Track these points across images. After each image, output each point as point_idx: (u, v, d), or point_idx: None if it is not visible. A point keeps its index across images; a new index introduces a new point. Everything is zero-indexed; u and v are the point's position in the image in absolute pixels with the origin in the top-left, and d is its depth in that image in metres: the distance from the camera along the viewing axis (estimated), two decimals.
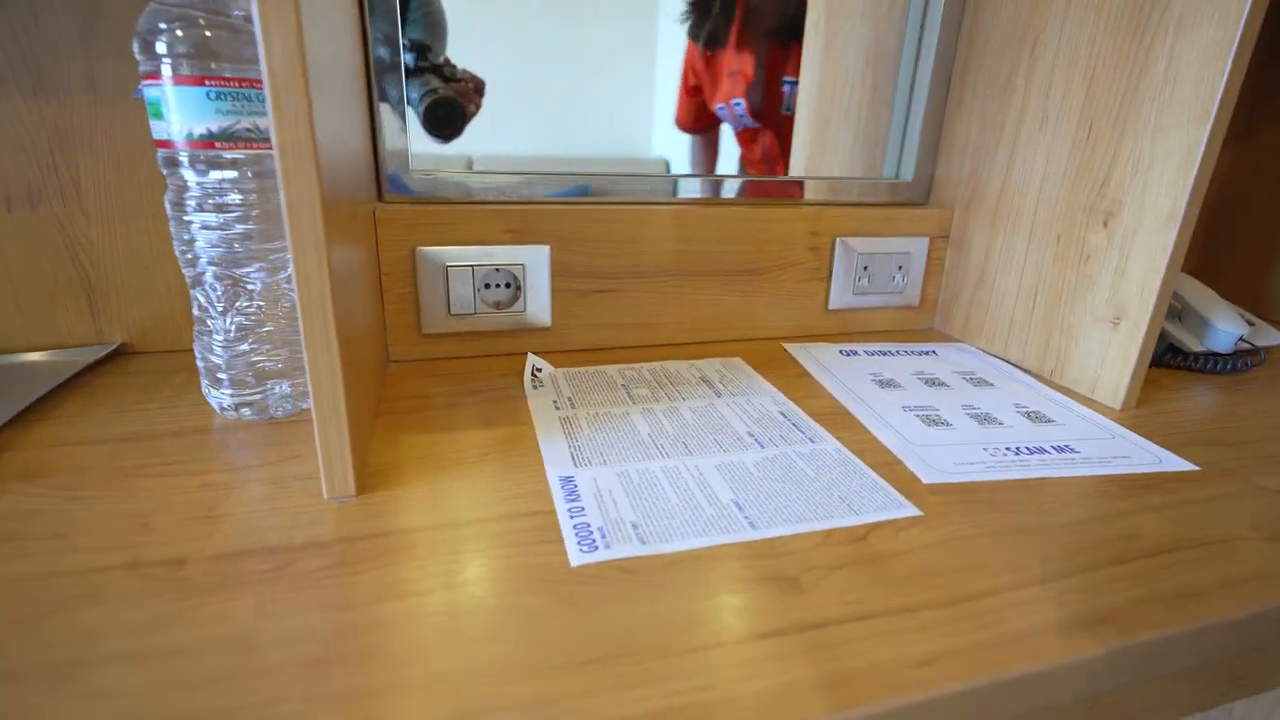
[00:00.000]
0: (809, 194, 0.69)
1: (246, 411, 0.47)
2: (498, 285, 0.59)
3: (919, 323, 0.74)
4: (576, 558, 0.34)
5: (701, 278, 0.65)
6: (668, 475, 0.42)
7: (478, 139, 0.60)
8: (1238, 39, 0.46)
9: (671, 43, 0.64)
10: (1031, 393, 0.58)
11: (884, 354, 0.66)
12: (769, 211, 0.66)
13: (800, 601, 0.31)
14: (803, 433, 0.48)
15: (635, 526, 0.37)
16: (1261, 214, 0.85)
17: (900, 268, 0.70)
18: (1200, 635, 0.32)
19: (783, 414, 0.51)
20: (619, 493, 0.40)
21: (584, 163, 0.63)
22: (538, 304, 0.60)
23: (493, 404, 0.52)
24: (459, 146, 0.60)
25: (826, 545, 0.36)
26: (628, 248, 0.62)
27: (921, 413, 0.53)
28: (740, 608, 0.31)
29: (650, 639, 0.29)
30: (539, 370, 0.57)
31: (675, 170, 0.67)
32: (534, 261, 0.59)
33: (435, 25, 0.56)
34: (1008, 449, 0.47)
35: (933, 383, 0.59)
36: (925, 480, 0.43)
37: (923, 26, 0.69)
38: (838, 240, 0.68)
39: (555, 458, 0.44)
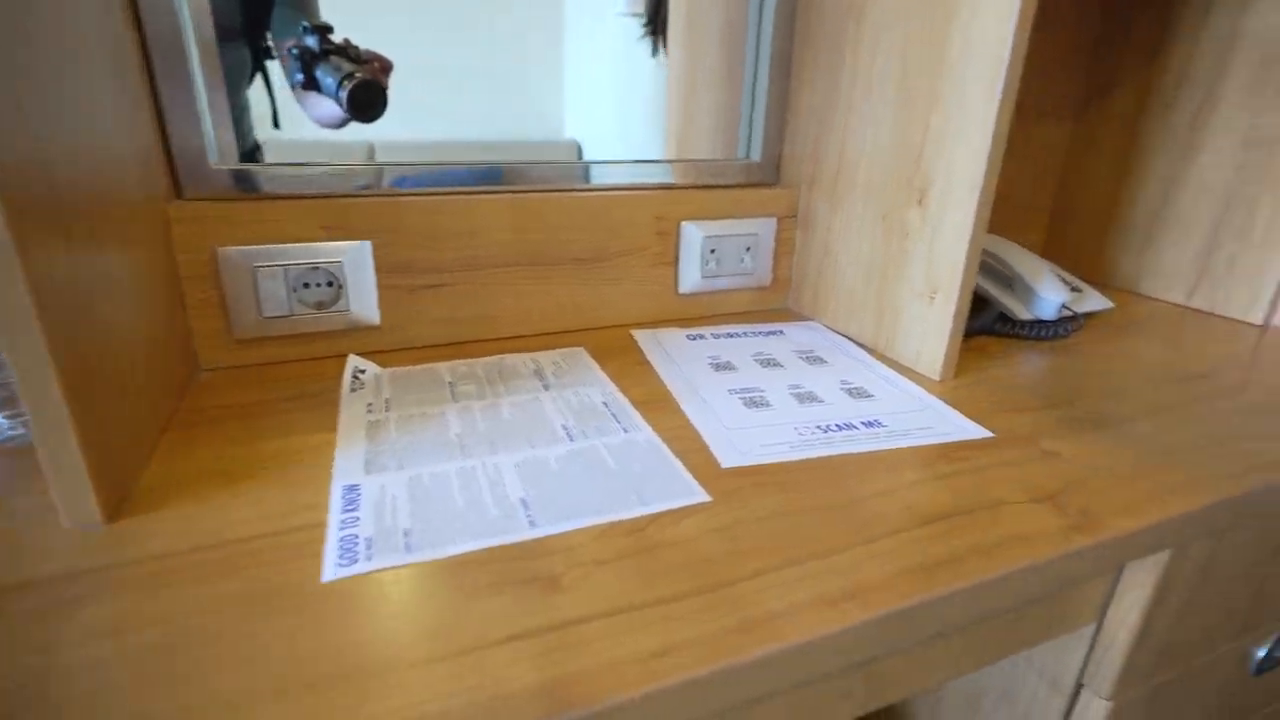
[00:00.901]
0: (656, 178, 0.69)
1: None
2: (317, 284, 0.56)
3: (773, 302, 0.75)
4: (331, 573, 0.32)
5: (544, 267, 0.63)
6: (462, 477, 0.41)
7: (384, 124, 0.56)
8: (1016, 15, 0.47)
9: (579, 22, 0.62)
10: (862, 368, 0.59)
11: (730, 336, 0.66)
12: (611, 197, 0.65)
13: (555, 602, 0.31)
14: (619, 423, 0.48)
15: (408, 534, 0.35)
16: (1098, 187, 0.90)
17: (748, 249, 0.71)
18: (948, 600, 0.33)
19: (605, 404, 0.51)
20: (403, 499, 0.38)
21: (460, 149, 0.61)
22: (362, 302, 0.58)
23: (304, 411, 0.49)
24: (355, 133, 0.57)
25: (604, 539, 0.35)
26: (461, 239, 0.60)
27: (746, 395, 0.53)
28: (488, 614, 0.30)
29: (376, 656, 0.27)
30: (361, 372, 0.55)
31: (589, 154, 0.65)
32: (355, 258, 0.56)
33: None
34: (818, 427, 0.48)
35: (768, 364, 0.59)
36: (725, 465, 0.43)
37: (760, 5, 0.68)
38: (682, 224, 0.67)
39: (347, 466, 0.41)
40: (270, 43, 0.55)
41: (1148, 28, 0.82)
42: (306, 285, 0.56)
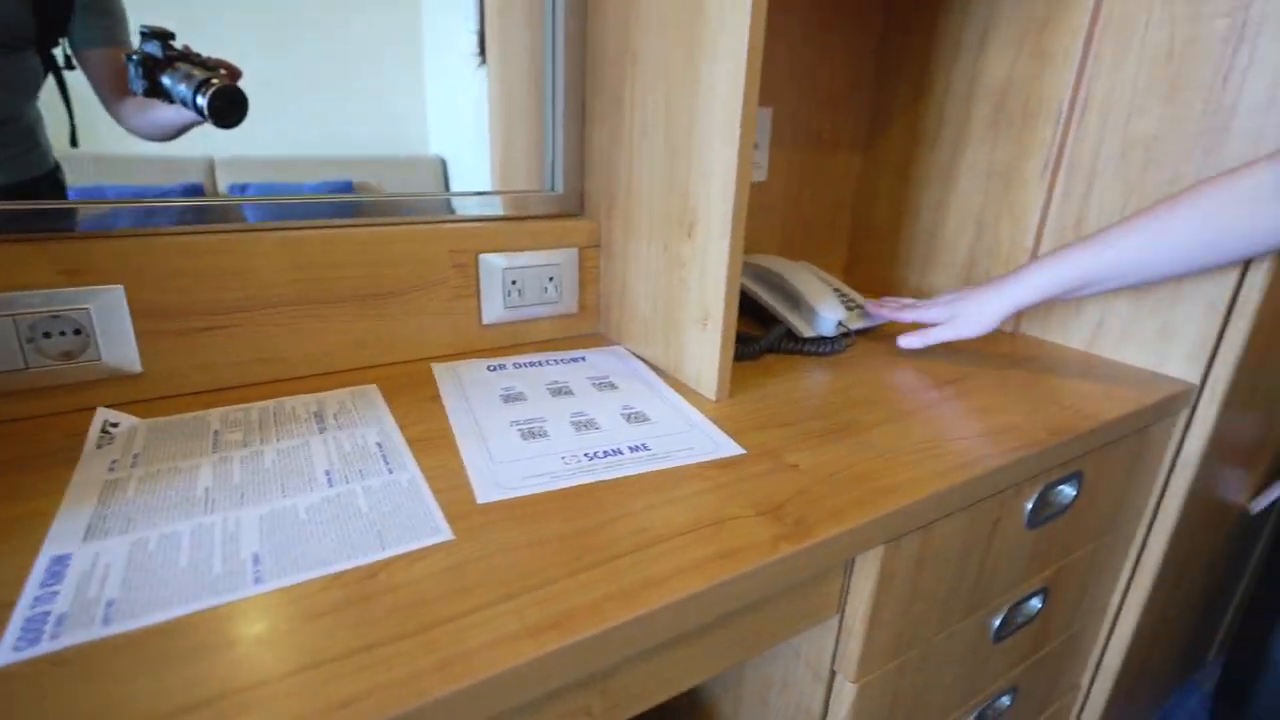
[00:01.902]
0: (457, 210, 0.69)
1: None
2: (61, 333, 0.52)
3: (583, 328, 0.78)
4: (3, 657, 0.30)
5: (331, 305, 0.62)
6: (196, 535, 0.39)
7: (227, 137, 0.54)
8: (745, 71, 0.52)
9: (440, 33, 0.60)
10: (648, 393, 0.62)
11: (532, 365, 0.68)
12: (403, 231, 0.64)
13: (246, 664, 0.31)
14: (387, 464, 0.48)
15: (110, 605, 0.34)
16: (885, 212, 1.00)
17: (551, 279, 0.73)
18: (652, 618, 0.36)
19: (379, 445, 0.51)
20: (118, 566, 0.36)
21: (311, 165, 0.58)
22: (118, 351, 0.54)
23: (34, 473, 0.45)
24: (184, 148, 0.53)
25: (330, 590, 0.36)
26: (232, 280, 0.58)
27: (527, 426, 0.55)
28: (164, 688, 0.29)
29: None
30: (114, 425, 0.52)
31: (454, 170, 0.64)
32: (104, 304, 0.53)
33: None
34: (585, 455, 0.50)
35: (559, 392, 0.61)
36: (481, 500, 0.44)
37: (554, 38, 0.71)
38: (480, 256, 0.68)
39: (64, 534, 0.39)
40: (69, 52, 0.52)
41: (915, 70, 0.92)
42: (48, 335, 0.52)
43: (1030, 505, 0.58)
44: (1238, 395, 0.72)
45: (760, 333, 0.75)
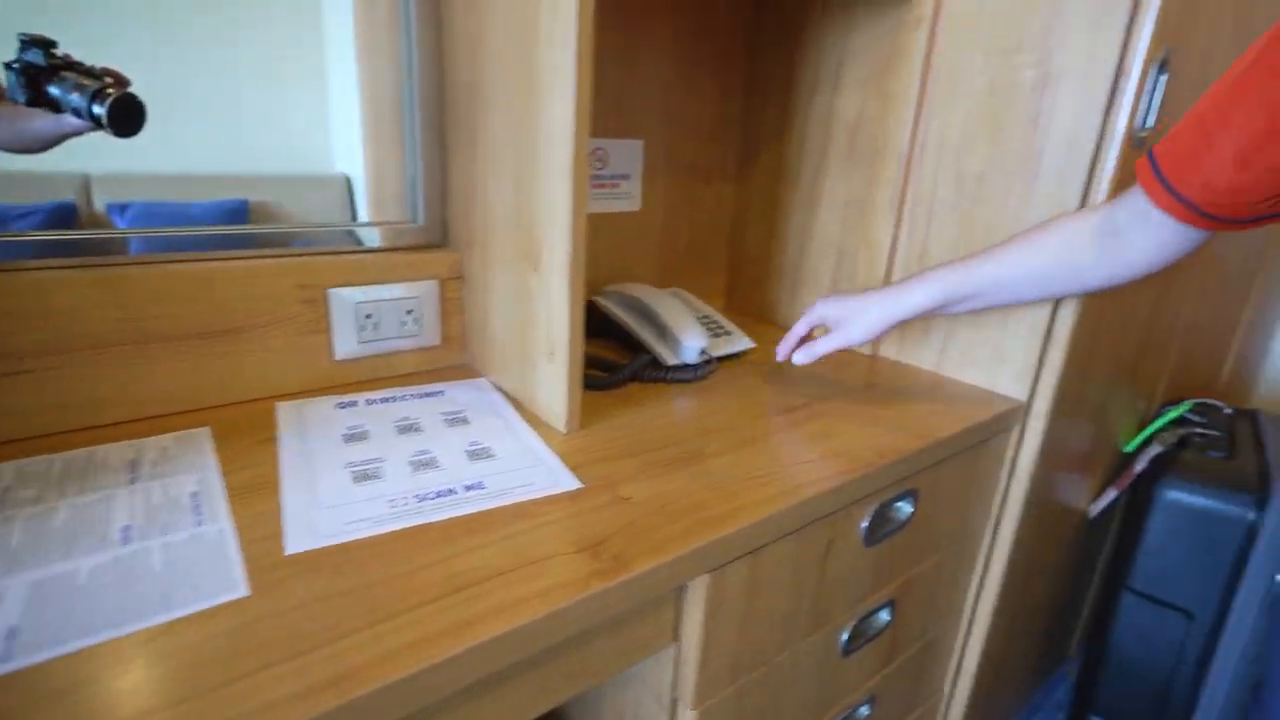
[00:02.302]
0: (307, 244, 0.67)
1: None
2: None
3: (448, 359, 0.77)
4: None
5: (161, 344, 0.59)
6: None
7: (111, 152, 0.51)
8: (574, 114, 0.53)
9: (345, 46, 0.58)
10: (501, 427, 0.62)
11: (386, 401, 0.66)
12: (244, 266, 0.62)
13: None
14: (198, 516, 0.46)
15: None
16: (758, 240, 1.04)
17: (410, 311, 0.72)
18: (448, 665, 0.35)
19: (194, 495, 0.48)
20: None
21: (205, 184, 0.55)
22: None
23: None
24: (55, 163, 0.50)
25: (95, 659, 0.33)
26: (38, 320, 0.54)
27: (361, 468, 0.53)
28: None
29: None
30: None
31: (359, 188, 0.61)
32: None
33: None
34: (417, 496, 0.50)
35: (406, 429, 0.60)
36: (290, 551, 0.43)
37: (410, 68, 0.70)
38: (329, 291, 0.67)
39: None
40: None
41: (778, 106, 0.96)
42: None
43: (866, 524, 0.61)
44: (1063, 408, 0.78)
45: (627, 361, 0.76)
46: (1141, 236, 0.56)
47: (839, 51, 0.88)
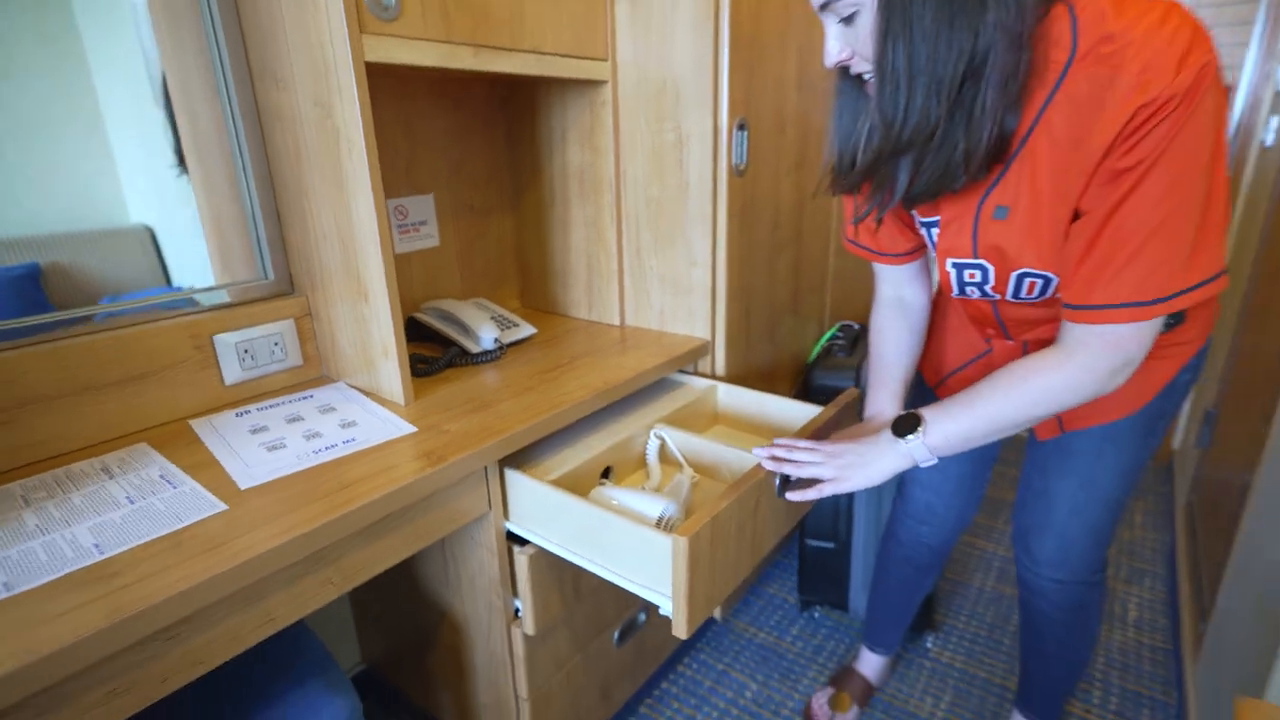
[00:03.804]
0: (186, 305, 0.93)
1: None
2: None
3: (311, 374, 1.06)
4: None
5: (96, 392, 0.84)
6: (46, 548, 0.63)
7: None
8: (373, 202, 0.86)
9: (120, 98, 0.53)
10: (359, 409, 0.94)
11: (271, 406, 0.95)
12: (148, 330, 0.88)
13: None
14: (172, 485, 0.74)
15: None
16: (537, 254, 1.40)
17: (277, 344, 1.00)
18: (350, 516, 0.68)
19: (162, 475, 0.76)
20: None
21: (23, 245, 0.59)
22: None
23: None
24: None
25: (159, 543, 0.62)
26: (9, 387, 0.77)
27: (270, 444, 0.83)
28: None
29: None
30: None
31: (165, 239, 0.71)
32: None
33: None
34: (311, 452, 0.81)
35: (293, 420, 0.90)
36: (243, 487, 0.73)
37: (243, 168, 0.98)
38: (214, 337, 0.94)
39: None
40: None
41: (530, 158, 1.33)
42: None
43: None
44: (734, 341, 1.23)
45: (440, 354, 1.10)
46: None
47: (562, 120, 1.26)
